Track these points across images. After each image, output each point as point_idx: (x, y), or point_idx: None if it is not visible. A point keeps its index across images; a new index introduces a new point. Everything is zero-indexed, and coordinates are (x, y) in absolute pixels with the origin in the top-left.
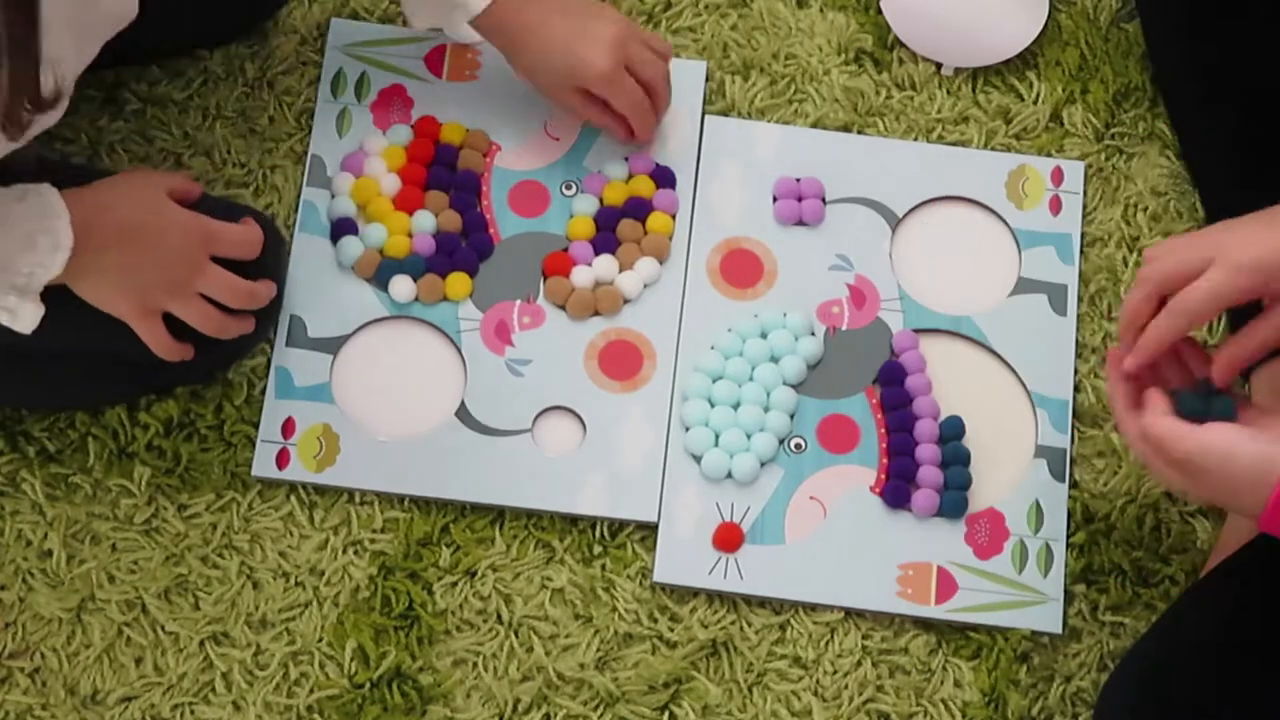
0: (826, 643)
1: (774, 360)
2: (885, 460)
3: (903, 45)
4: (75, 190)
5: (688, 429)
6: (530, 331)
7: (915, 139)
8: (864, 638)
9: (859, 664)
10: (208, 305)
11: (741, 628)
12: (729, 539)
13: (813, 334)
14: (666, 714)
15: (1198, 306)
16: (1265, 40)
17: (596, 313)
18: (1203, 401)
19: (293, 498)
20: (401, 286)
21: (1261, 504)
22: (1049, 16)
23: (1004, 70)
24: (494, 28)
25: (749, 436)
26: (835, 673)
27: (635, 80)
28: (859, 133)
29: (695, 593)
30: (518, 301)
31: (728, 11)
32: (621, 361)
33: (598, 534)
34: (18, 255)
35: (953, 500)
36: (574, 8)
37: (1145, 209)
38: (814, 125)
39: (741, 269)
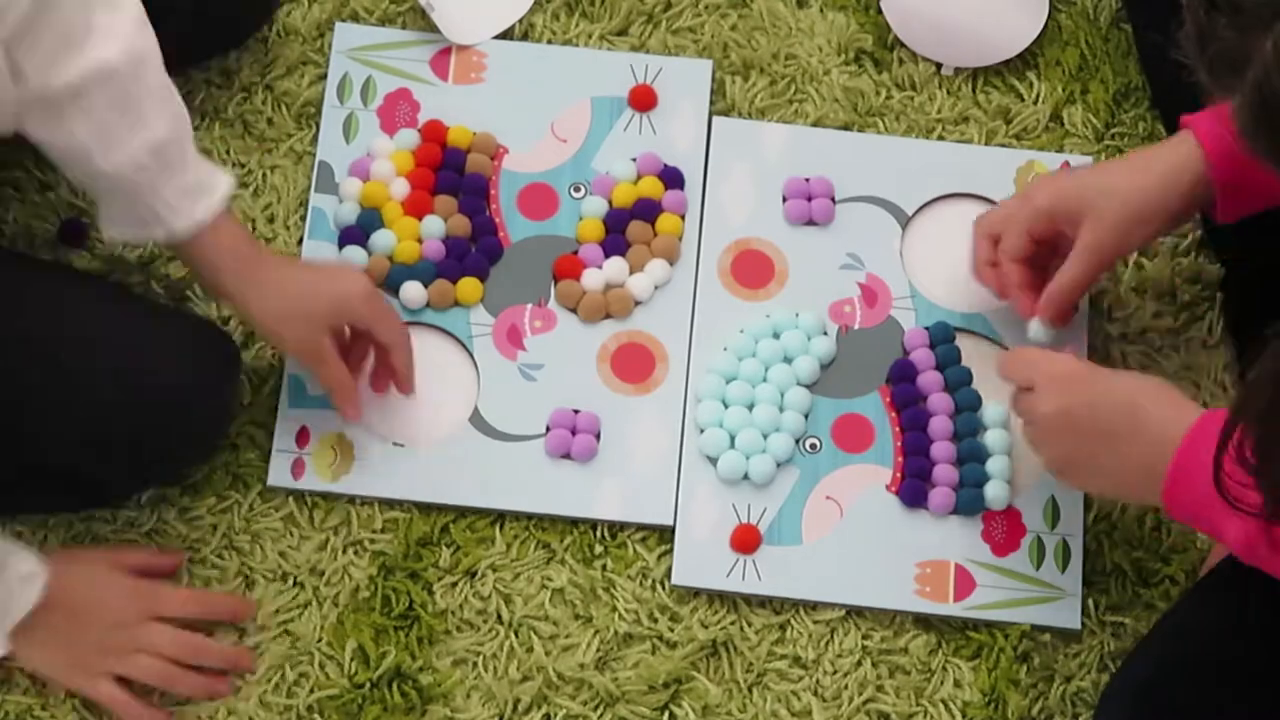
0: (826, 643)
1: (787, 360)
2: (900, 459)
3: (903, 45)
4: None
5: (702, 431)
6: (542, 335)
7: (916, 139)
8: (864, 637)
9: (859, 664)
10: (157, 661)
11: (741, 628)
12: (747, 541)
13: (825, 333)
14: (666, 714)
15: (1012, 241)
16: None
17: (608, 315)
18: None
19: (293, 498)
20: (412, 292)
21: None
22: (1049, 16)
23: (1004, 70)
24: (216, 257)
25: (765, 437)
26: (835, 673)
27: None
28: (860, 133)
29: (696, 593)
30: (529, 305)
31: (728, 11)
32: (634, 364)
33: (598, 534)
34: None
35: (969, 498)
36: (312, 264)
37: None
38: (814, 125)
39: (752, 269)
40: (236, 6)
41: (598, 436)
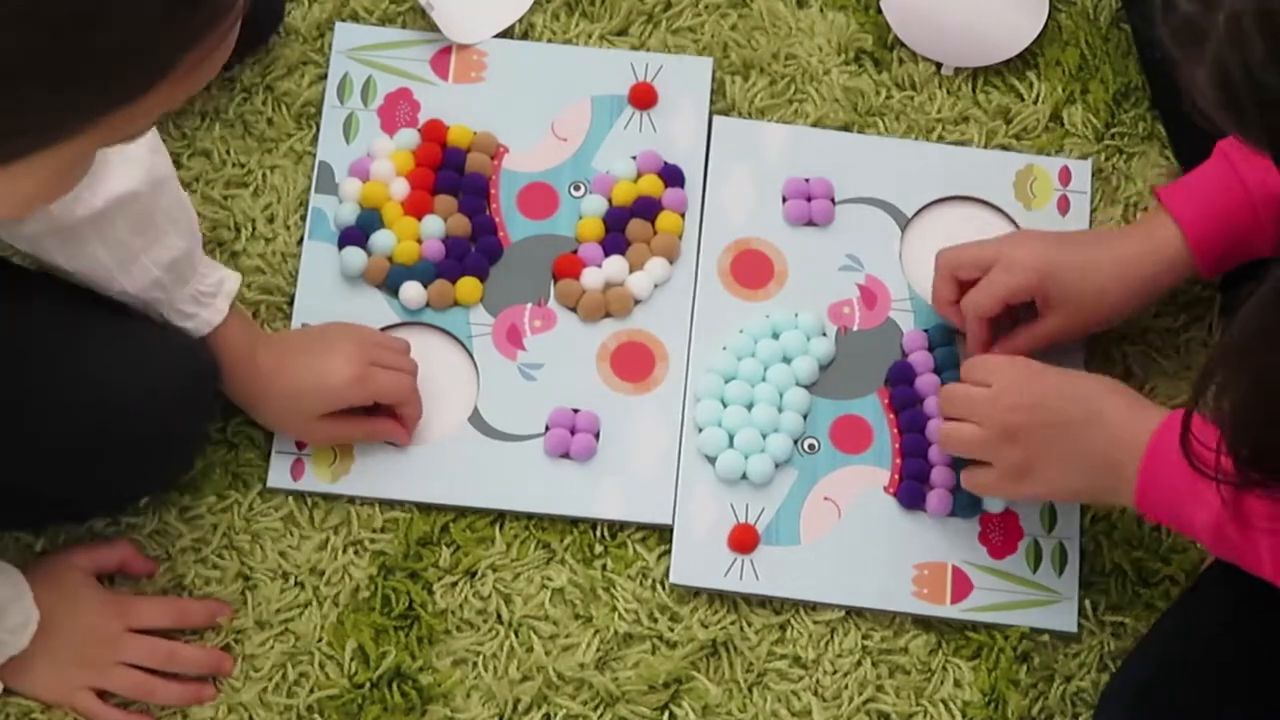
0: (826, 643)
1: (786, 361)
2: (899, 460)
3: (903, 45)
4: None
5: (701, 430)
6: (542, 335)
7: (916, 139)
8: (864, 637)
9: (859, 664)
10: (134, 672)
11: (741, 628)
12: (744, 540)
13: (824, 334)
14: (666, 714)
15: (984, 302)
16: None
17: (608, 314)
18: None
19: (293, 498)
20: (412, 293)
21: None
22: (1049, 16)
23: (1004, 70)
24: (221, 359)
25: (764, 437)
26: (835, 673)
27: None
28: (859, 133)
29: (696, 592)
30: (529, 305)
31: (728, 11)
32: (633, 363)
33: (598, 534)
34: None
35: (966, 500)
36: (305, 342)
37: (1145, 209)
38: (814, 125)
39: (752, 270)
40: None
41: (597, 436)
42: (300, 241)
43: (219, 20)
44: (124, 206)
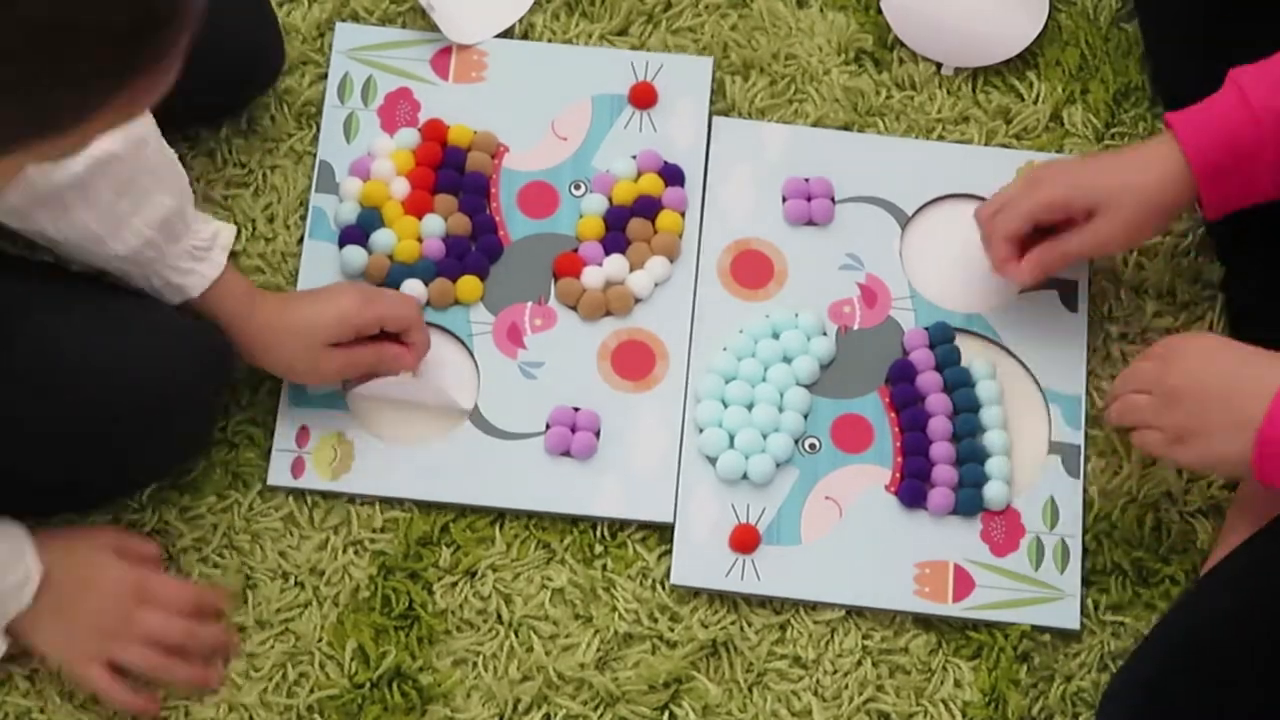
0: (826, 642)
1: (786, 360)
2: (900, 459)
3: (903, 45)
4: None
5: (701, 430)
6: (542, 334)
7: (916, 139)
8: (864, 637)
9: (859, 664)
10: (148, 650)
11: (741, 628)
12: (746, 540)
13: (825, 334)
14: (666, 714)
15: (1011, 223)
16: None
17: (608, 313)
18: None
19: (293, 498)
20: (413, 291)
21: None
22: (1049, 16)
23: (1004, 70)
24: (220, 313)
25: (764, 437)
26: (835, 672)
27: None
28: (860, 132)
29: (696, 593)
30: (529, 304)
31: (728, 11)
32: (634, 361)
33: (598, 534)
34: None
35: (968, 498)
36: (304, 291)
37: None
38: (814, 125)
39: (752, 269)
40: (238, 69)
41: (597, 434)
42: (301, 241)
43: (168, 50)
44: (105, 168)
